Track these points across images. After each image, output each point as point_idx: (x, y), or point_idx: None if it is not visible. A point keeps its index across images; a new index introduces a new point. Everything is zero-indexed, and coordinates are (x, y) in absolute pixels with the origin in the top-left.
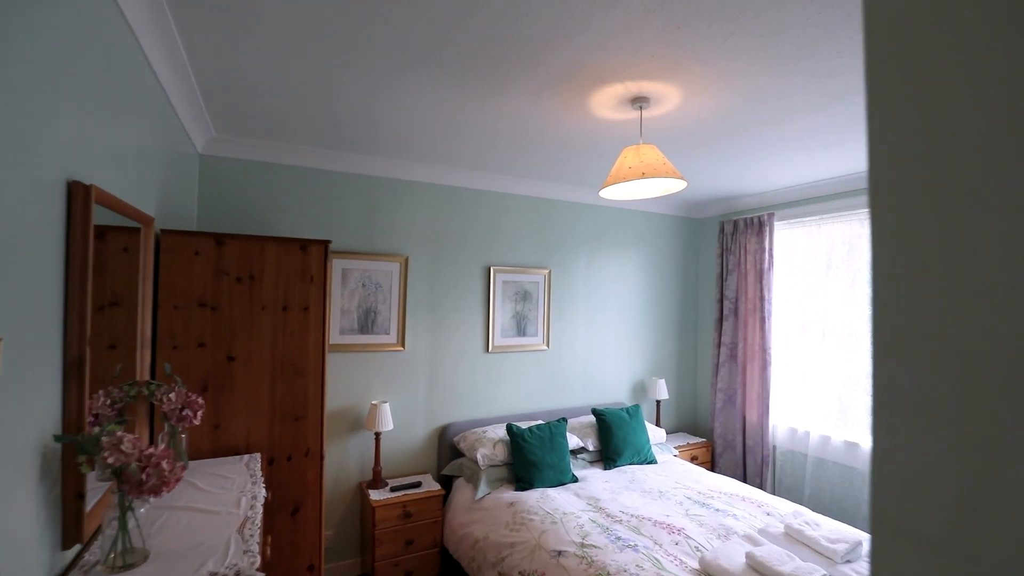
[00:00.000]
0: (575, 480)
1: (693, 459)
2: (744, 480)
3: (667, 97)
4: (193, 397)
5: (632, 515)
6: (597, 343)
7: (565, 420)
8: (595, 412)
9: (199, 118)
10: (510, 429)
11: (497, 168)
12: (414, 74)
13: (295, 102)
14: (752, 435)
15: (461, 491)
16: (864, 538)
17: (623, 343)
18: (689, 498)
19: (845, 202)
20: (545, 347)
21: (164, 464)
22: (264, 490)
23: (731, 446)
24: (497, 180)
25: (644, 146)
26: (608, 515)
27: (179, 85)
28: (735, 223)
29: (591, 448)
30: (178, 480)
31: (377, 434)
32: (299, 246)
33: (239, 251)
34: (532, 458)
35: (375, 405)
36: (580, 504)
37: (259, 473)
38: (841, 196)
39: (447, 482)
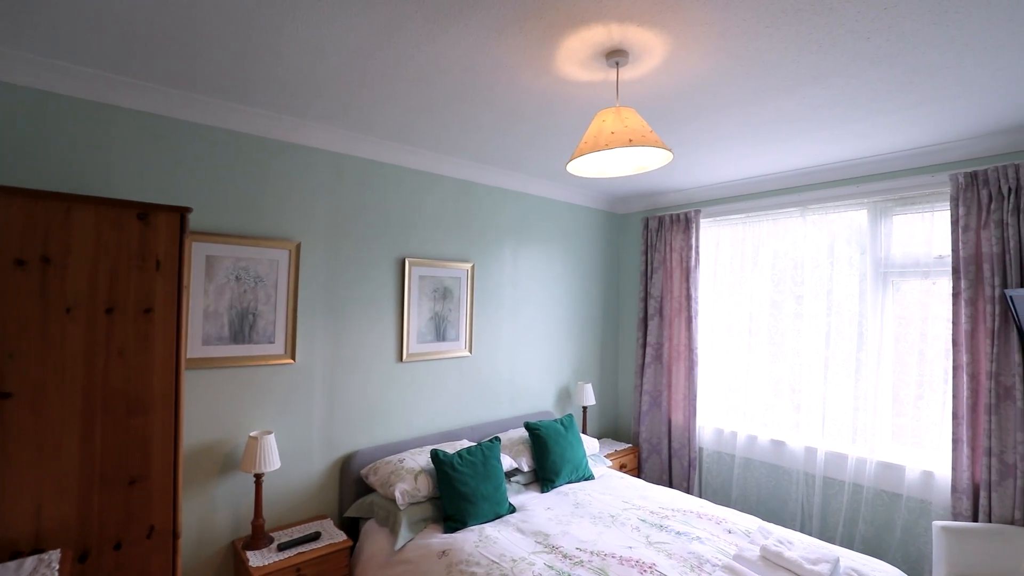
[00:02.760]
0: (513, 510)
1: (622, 467)
2: (671, 484)
3: (650, 52)
4: None
5: (591, 552)
6: (523, 347)
7: (498, 439)
8: (529, 427)
9: None
10: (436, 456)
11: (422, 141)
12: None
13: (138, 17)
14: (678, 438)
15: (373, 538)
16: (841, 553)
17: (549, 346)
18: (644, 520)
19: (772, 200)
20: (468, 353)
21: None
22: None
23: (656, 450)
24: (420, 156)
25: (625, 109)
26: (564, 555)
27: None
28: (660, 219)
29: (525, 468)
30: None
31: (258, 476)
32: (135, 213)
33: (21, 215)
34: (464, 490)
35: (255, 438)
36: (528, 544)
37: None
38: (768, 195)
39: (353, 526)
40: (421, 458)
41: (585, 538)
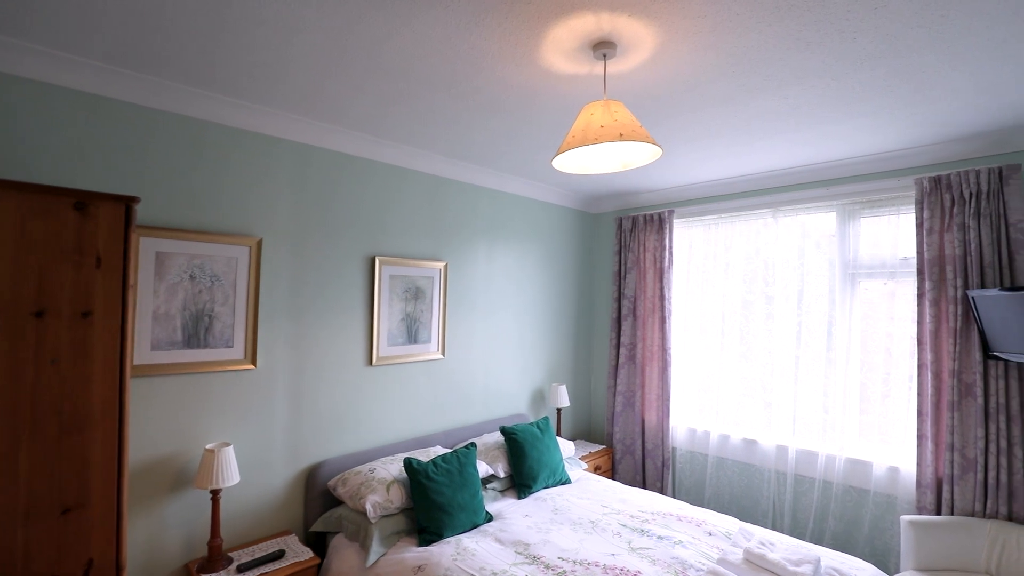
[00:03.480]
0: (490, 519)
1: (596, 469)
2: (644, 485)
3: (639, 45)
4: None
5: (574, 560)
6: (497, 348)
7: (474, 445)
8: (505, 431)
9: None
10: (409, 465)
11: (395, 133)
12: None
13: None
14: (652, 438)
15: (342, 553)
16: (822, 553)
17: (522, 347)
18: (624, 525)
19: (744, 201)
20: (440, 356)
21: None
22: None
23: (630, 451)
24: (393, 150)
25: (613, 102)
26: (547, 566)
27: None
28: (634, 219)
29: (502, 474)
30: None
31: (215, 492)
32: (71, 202)
33: None
34: (439, 500)
35: (211, 451)
36: (508, 555)
37: None
38: (741, 196)
39: (320, 541)
40: (393, 467)
41: (567, 546)
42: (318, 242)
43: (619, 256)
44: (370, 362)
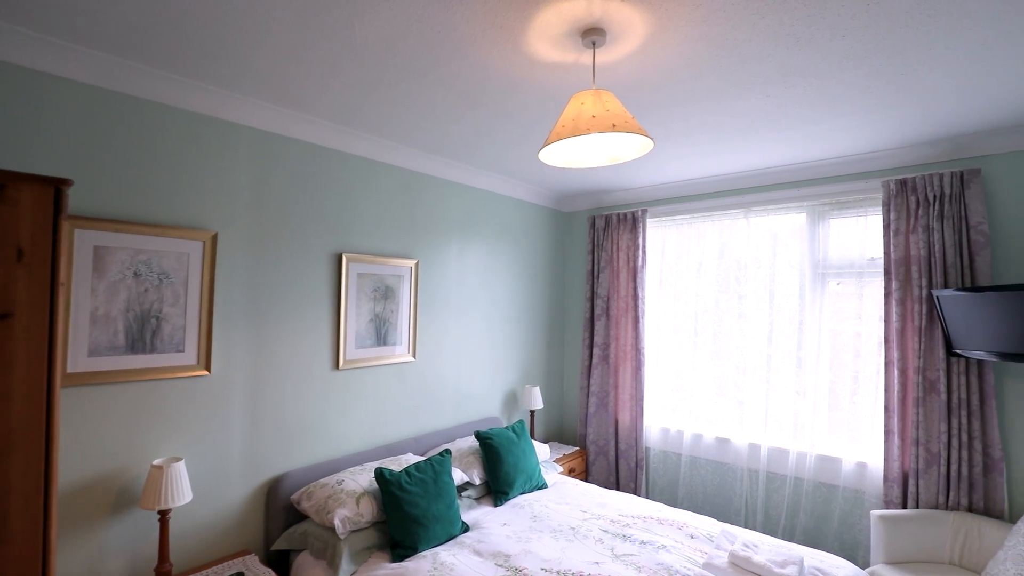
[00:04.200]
0: (467, 529)
1: (571, 471)
2: (618, 486)
3: (629, 33)
4: None
5: (557, 571)
6: (469, 350)
7: (449, 452)
8: (480, 436)
9: None
10: (381, 476)
11: (366, 124)
12: None
13: None
14: (625, 439)
15: (308, 573)
16: (805, 553)
17: (495, 348)
18: (606, 531)
19: (717, 202)
20: (411, 358)
21: None
22: None
23: (603, 452)
24: (363, 141)
25: (604, 92)
26: None
27: None
28: (607, 218)
29: (477, 481)
30: None
31: (164, 513)
32: None
33: None
34: (414, 512)
35: (159, 467)
36: (488, 568)
37: None
38: (713, 196)
39: (283, 561)
40: (363, 478)
41: (549, 556)
42: (281, 237)
43: (592, 255)
44: (336, 365)
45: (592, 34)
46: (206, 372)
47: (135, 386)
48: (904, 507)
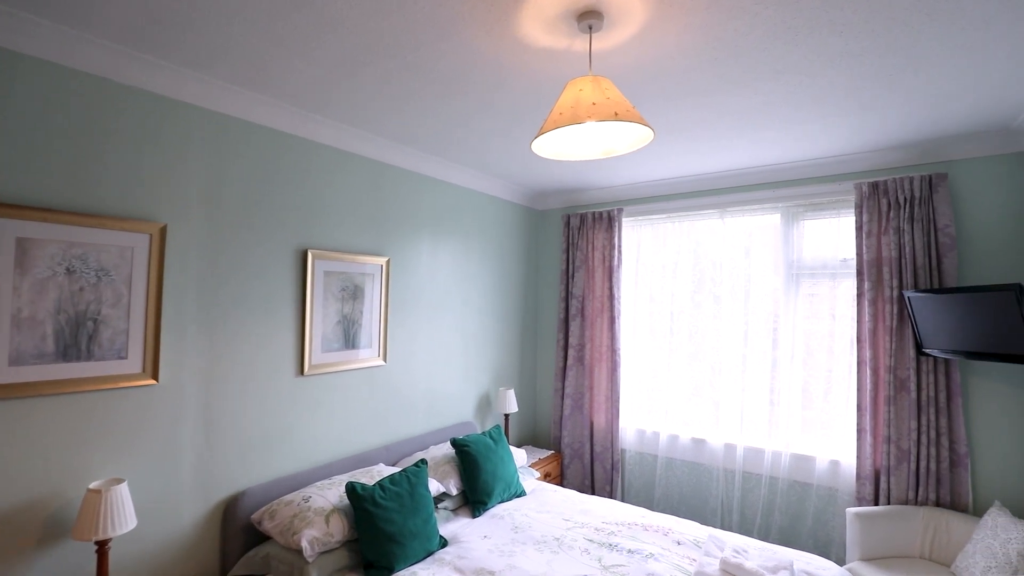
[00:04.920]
0: (445, 544)
1: (546, 476)
2: (593, 489)
3: (627, 17)
4: None
5: None
6: (442, 352)
7: (424, 462)
8: (456, 444)
9: None
10: (353, 491)
11: (335, 110)
12: None
13: None
14: (601, 441)
15: None
16: (795, 557)
17: (467, 350)
18: (591, 540)
19: (693, 202)
20: (382, 362)
21: None
22: None
23: (578, 455)
24: (331, 129)
25: (603, 79)
26: None
27: None
28: (582, 217)
29: (454, 491)
30: None
31: (102, 543)
32: None
33: None
34: (389, 529)
35: (96, 491)
36: None
37: None
38: (689, 196)
39: None
40: (331, 493)
41: (534, 570)
42: (239, 231)
43: (567, 255)
44: (301, 371)
45: (589, 17)
46: (153, 381)
47: (69, 398)
48: (876, 504)
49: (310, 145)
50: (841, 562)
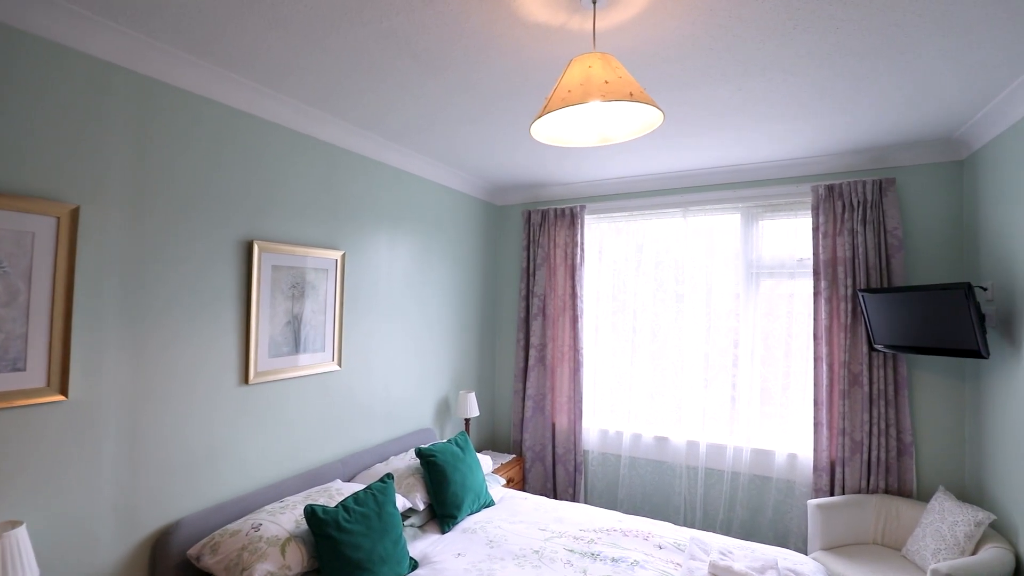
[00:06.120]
0: (415, 566)
1: (509, 481)
2: (555, 491)
3: None
4: None
5: None
6: (400, 355)
7: (391, 476)
8: (421, 454)
9: None
10: (313, 515)
11: (289, 84)
12: None
13: None
14: (563, 442)
15: None
16: (780, 555)
17: (425, 352)
18: (572, 550)
19: (656, 200)
20: (337, 367)
21: None
22: None
23: (540, 457)
24: (284, 107)
25: (611, 56)
26: None
27: None
28: (543, 213)
29: (421, 506)
30: None
31: None
32: None
33: None
34: (356, 556)
35: None
36: None
37: None
38: (652, 194)
39: None
40: (286, 518)
41: None
42: (170, 216)
43: (527, 252)
44: (246, 379)
45: None
46: (61, 396)
47: None
48: (832, 494)
49: (258, 122)
50: (801, 552)
